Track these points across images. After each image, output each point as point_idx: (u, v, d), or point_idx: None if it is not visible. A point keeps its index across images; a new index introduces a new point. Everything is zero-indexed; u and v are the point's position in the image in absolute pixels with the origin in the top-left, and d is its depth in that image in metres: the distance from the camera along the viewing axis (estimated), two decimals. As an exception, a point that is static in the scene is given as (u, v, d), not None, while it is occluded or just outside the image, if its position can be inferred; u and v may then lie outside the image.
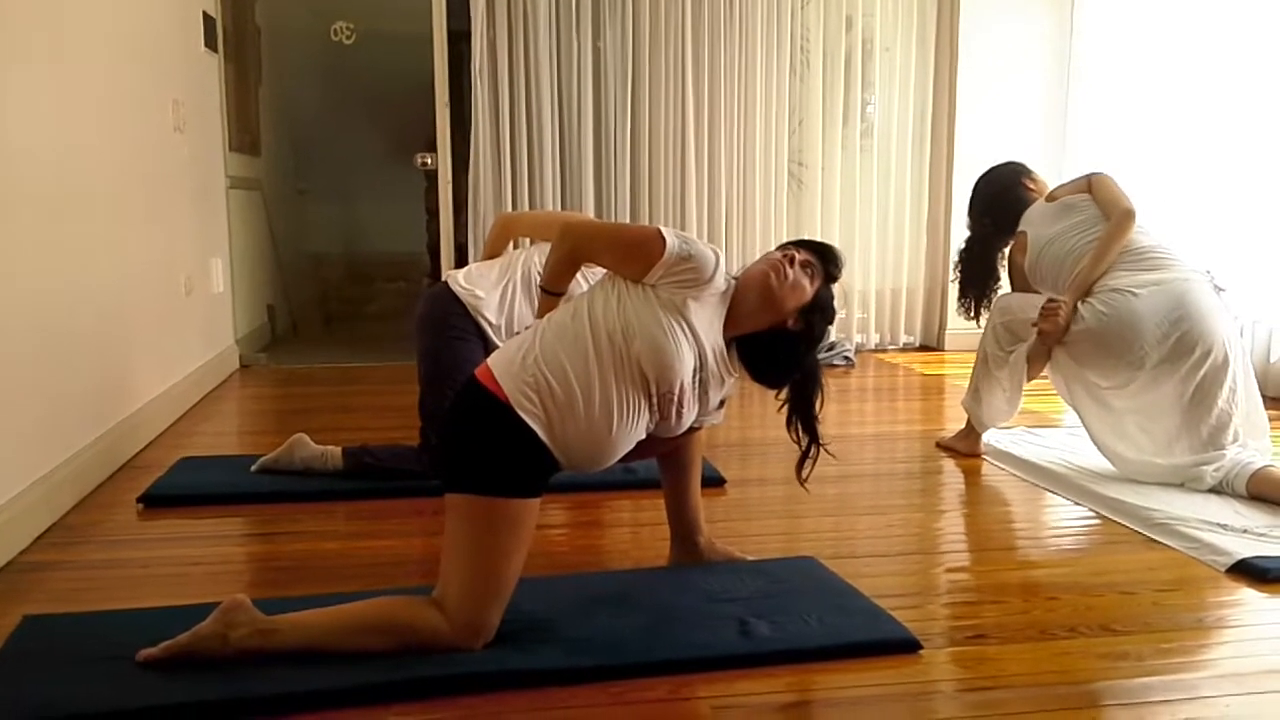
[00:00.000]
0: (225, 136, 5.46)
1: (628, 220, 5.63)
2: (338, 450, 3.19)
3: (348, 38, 5.96)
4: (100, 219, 3.40)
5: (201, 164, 4.93)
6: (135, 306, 3.75)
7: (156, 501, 3.03)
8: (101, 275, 3.39)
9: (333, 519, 2.93)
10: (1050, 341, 3.25)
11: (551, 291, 2.25)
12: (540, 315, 2.19)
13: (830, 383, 2.27)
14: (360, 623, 1.92)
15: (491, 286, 3.11)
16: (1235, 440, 3.07)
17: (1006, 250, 3.67)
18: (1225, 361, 3.06)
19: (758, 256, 2.27)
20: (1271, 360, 4.59)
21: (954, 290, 3.82)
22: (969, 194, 3.82)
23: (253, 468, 3.23)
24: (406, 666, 1.87)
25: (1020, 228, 3.54)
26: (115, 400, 3.48)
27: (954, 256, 3.89)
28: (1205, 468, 3.05)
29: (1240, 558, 2.51)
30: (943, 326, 6.15)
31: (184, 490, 3.12)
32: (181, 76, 4.59)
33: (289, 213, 7.45)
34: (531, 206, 5.55)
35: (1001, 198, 3.65)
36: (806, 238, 2.42)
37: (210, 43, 5.15)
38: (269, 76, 6.78)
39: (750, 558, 2.51)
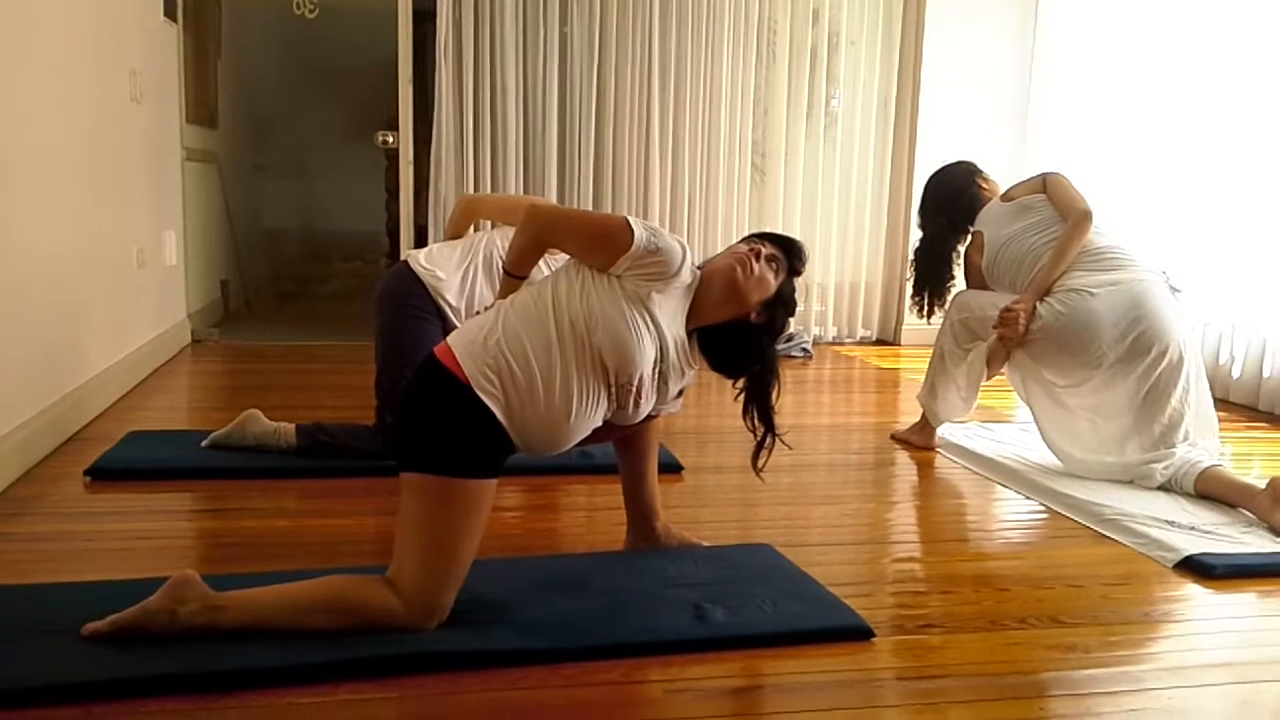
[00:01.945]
0: (182, 108, 5.36)
1: (590, 207, 5.61)
2: (291, 427, 3.15)
3: (310, 11, 5.87)
4: (53, 188, 3.33)
5: (158, 135, 4.84)
6: (86, 277, 3.68)
7: (104, 475, 2.98)
8: (52, 244, 3.32)
9: (285, 496, 2.90)
10: (1011, 345, 3.28)
11: (514, 275, 2.23)
12: (502, 297, 2.18)
13: (788, 374, 2.29)
14: (312, 601, 1.90)
15: (453, 268, 3.08)
16: (1186, 439, 3.12)
17: (961, 249, 3.70)
18: (1180, 361, 3.10)
19: (719, 245, 2.28)
20: (1221, 362, 4.67)
21: (910, 286, 3.84)
22: (921, 193, 3.85)
23: (204, 443, 3.19)
24: (358, 645, 1.85)
25: (976, 227, 3.57)
26: (63, 371, 3.41)
27: (909, 254, 3.92)
28: (1155, 465, 3.09)
29: (1187, 554, 2.55)
30: (899, 321, 6.19)
31: (132, 464, 3.06)
32: (139, 46, 4.51)
33: (245, 188, 7.35)
34: (494, 190, 5.51)
35: (956, 198, 3.68)
36: (771, 231, 2.42)
37: (170, 12, 5.06)
38: (229, 49, 6.68)
39: (706, 544, 2.52)
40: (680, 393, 2.27)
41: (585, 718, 1.76)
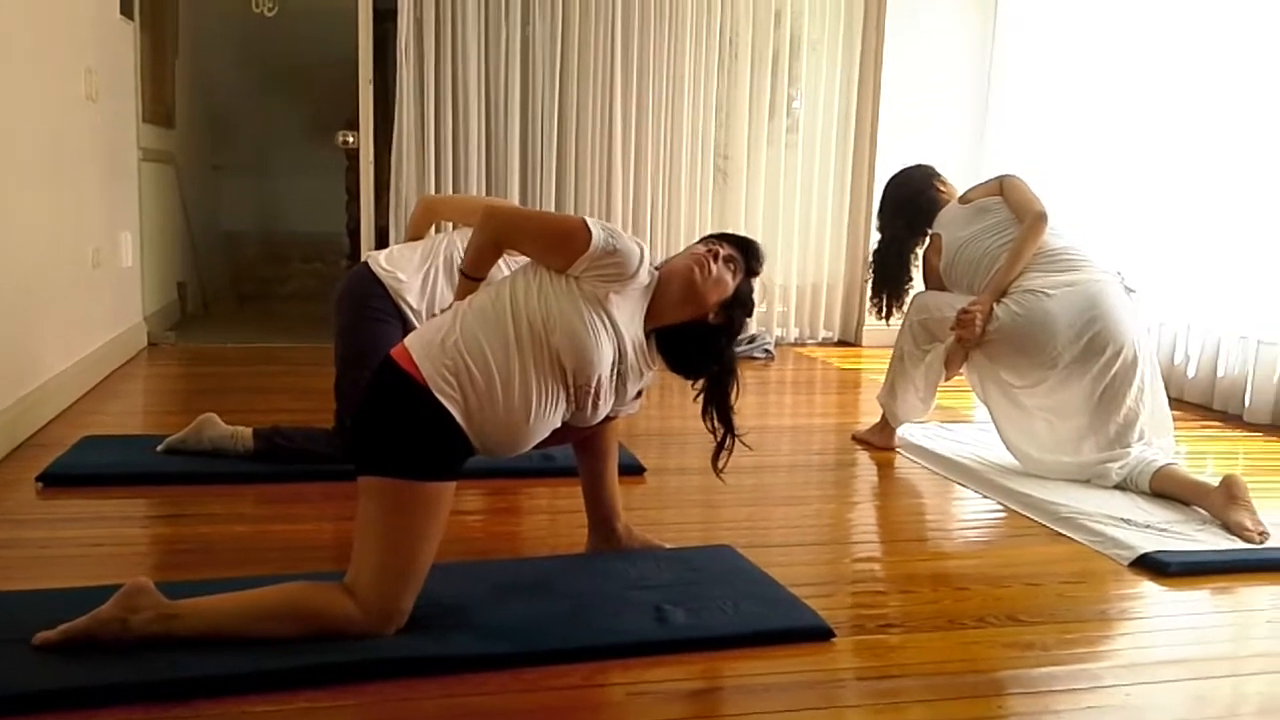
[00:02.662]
0: (139, 107, 5.29)
1: (553, 209, 5.60)
2: (248, 431, 3.11)
3: (269, 10, 5.82)
4: (4, 187, 3.27)
5: (113, 134, 4.77)
6: (39, 278, 3.62)
7: (57, 480, 2.93)
8: (4, 244, 3.26)
9: (242, 501, 2.87)
10: (968, 346, 3.31)
11: (472, 276, 2.22)
12: (459, 298, 2.16)
13: (750, 375, 2.30)
14: (268, 609, 1.88)
15: (414, 270, 3.05)
16: (1141, 438, 3.16)
17: (919, 250, 3.72)
18: (1135, 361, 3.14)
19: (682, 246, 2.28)
20: (1175, 361, 4.73)
21: (870, 288, 3.85)
22: (880, 196, 3.87)
23: (159, 448, 3.14)
24: (315, 652, 1.83)
25: (934, 229, 3.60)
26: (16, 375, 3.35)
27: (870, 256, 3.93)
28: (1111, 465, 3.13)
29: (1142, 552, 2.58)
30: (860, 322, 6.22)
31: (86, 469, 3.01)
32: (95, 44, 4.44)
33: (203, 188, 7.26)
34: (455, 191, 5.47)
35: (914, 200, 3.70)
36: (730, 232, 2.43)
37: (126, 10, 4.99)
38: (186, 47, 6.60)
39: (668, 546, 2.52)
40: (639, 394, 2.26)
41: (545, 722, 1.75)
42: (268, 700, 1.74)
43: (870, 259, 3.87)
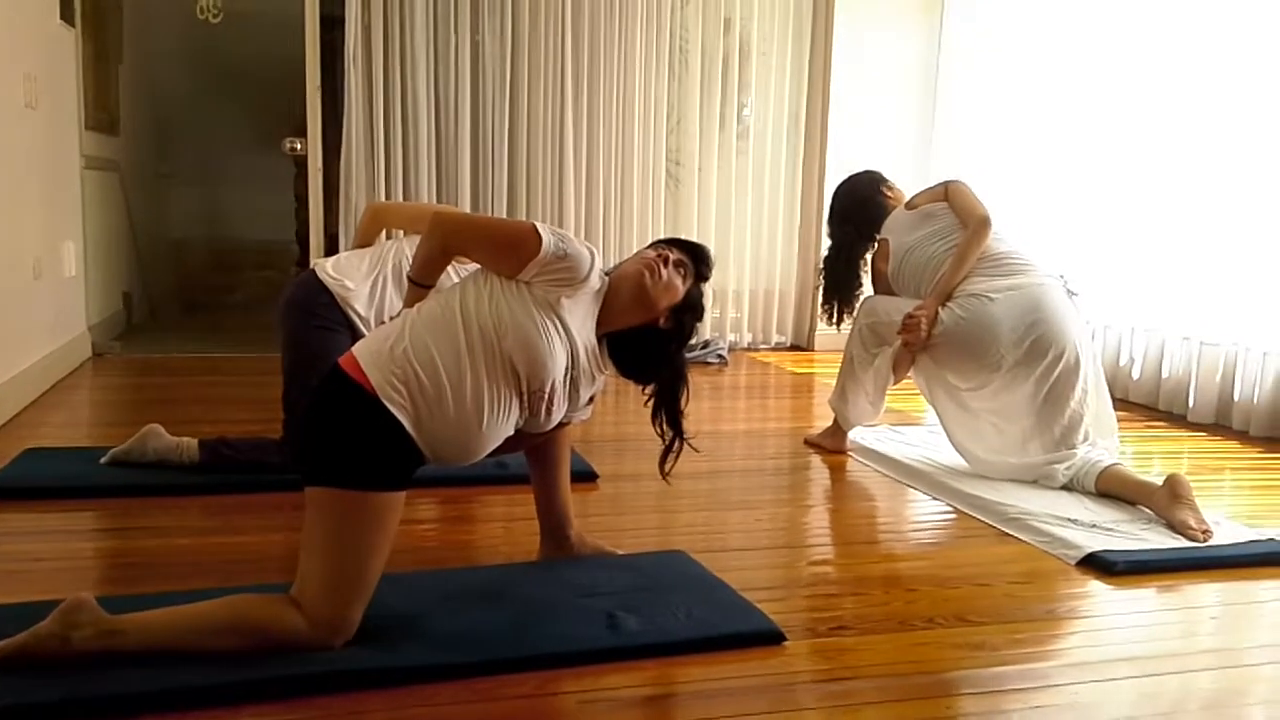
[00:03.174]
0: (81, 115, 5.20)
1: (505, 215, 5.58)
2: (194, 442, 3.07)
3: (214, 16, 5.75)
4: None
5: (55, 142, 4.69)
6: (-23, 289, 3.55)
7: (-2, 494, 2.87)
8: (-61, 255, 3.20)
9: (187, 514, 2.82)
10: (914, 350, 3.34)
11: (421, 283, 2.20)
12: (408, 306, 2.14)
13: (704, 380, 2.31)
14: (212, 623, 1.84)
15: (362, 278, 3.03)
16: (1086, 439, 3.20)
17: (868, 256, 3.75)
18: (1077, 364, 3.18)
19: (634, 253, 2.28)
20: (1121, 363, 4.80)
21: (820, 294, 3.87)
22: (829, 202, 3.90)
23: (103, 460, 3.09)
24: (261, 665, 1.81)
25: (882, 235, 3.62)
26: (-47, 388, 3.28)
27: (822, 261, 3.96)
28: (1057, 466, 3.17)
29: (1089, 551, 2.62)
30: (813, 327, 6.26)
31: (28, 482, 2.96)
32: (34, 50, 4.36)
33: (149, 196, 7.16)
34: (406, 198, 5.44)
35: (862, 206, 3.73)
36: (680, 237, 2.43)
37: (67, 16, 4.90)
38: (131, 54, 6.50)
39: (620, 552, 2.51)
40: (591, 399, 2.26)
41: (497, 732, 1.74)
42: (214, 716, 1.71)
43: (820, 266, 3.89)
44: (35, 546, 2.56)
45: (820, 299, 3.86)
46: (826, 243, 3.92)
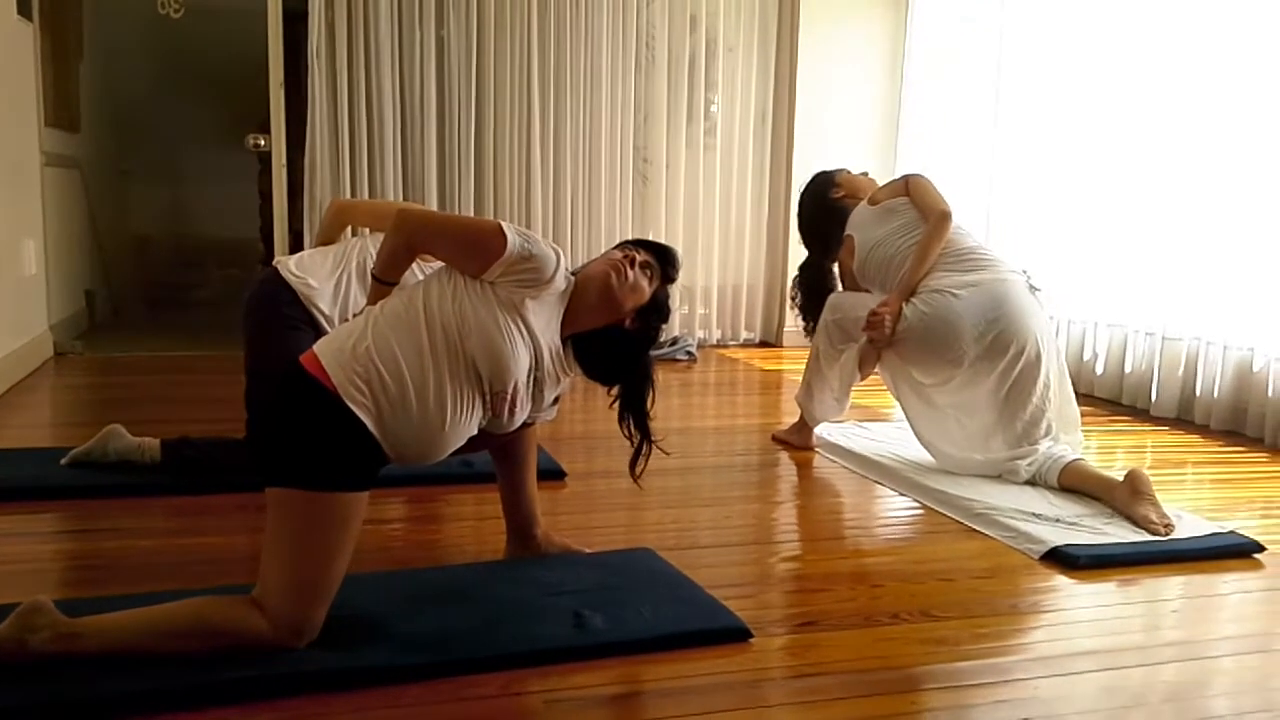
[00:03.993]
0: (41, 111, 5.13)
1: (472, 212, 5.55)
2: (155, 442, 3.03)
3: (175, 11, 5.66)
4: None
5: (13, 139, 4.62)
6: (-67, 289, 3.49)
7: (-46, 497, 2.82)
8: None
9: (149, 515, 2.79)
10: (880, 347, 3.35)
11: (384, 280, 2.18)
12: (371, 303, 2.12)
13: (673, 377, 2.30)
14: (172, 625, 1.82)
15: (326, 276, 2.99)
16: (1048, 434, 3.23)
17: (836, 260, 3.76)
18: (1039, 359, 3.20)
19: (603, 250, 2.27)
20: (1085, 358, 4.85)
21: (797, 309, 3.86)
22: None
23: (63, 460, 3.04)
24: (223, 667, 1.79)
25: (847, 231, 3.62)
26: (-92, 389, 3.23)
27: (793, 264, 3.94)
28: (1020, 462, 3.19)
29: (1052, 545, 2.64)
30: (781, 324, 6.28)
31: (-14, 485, 2.91)
32: (-10, 44, 4.30)
33: (111, 194, 7.07)
34: (372, 194, 5.41)
35: (819, 221, 3.74)
36: (647, 238, 2.43)
37: (24, 10, 4.82)
38: (91, 50, 6.41)
39: (588, 550, 2.51)
40: (556, 400, 2.25)
41: (462, 732, 1.73)
42: (174, 718, 1.69)
43: (792, 285, 3.88)
44: (-7, 549, 2.52)
45: (799, 315, 3.85)
46: (796, 237, 3.93)
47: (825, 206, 3.72)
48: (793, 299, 3.88)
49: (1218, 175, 4.21)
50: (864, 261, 3.51)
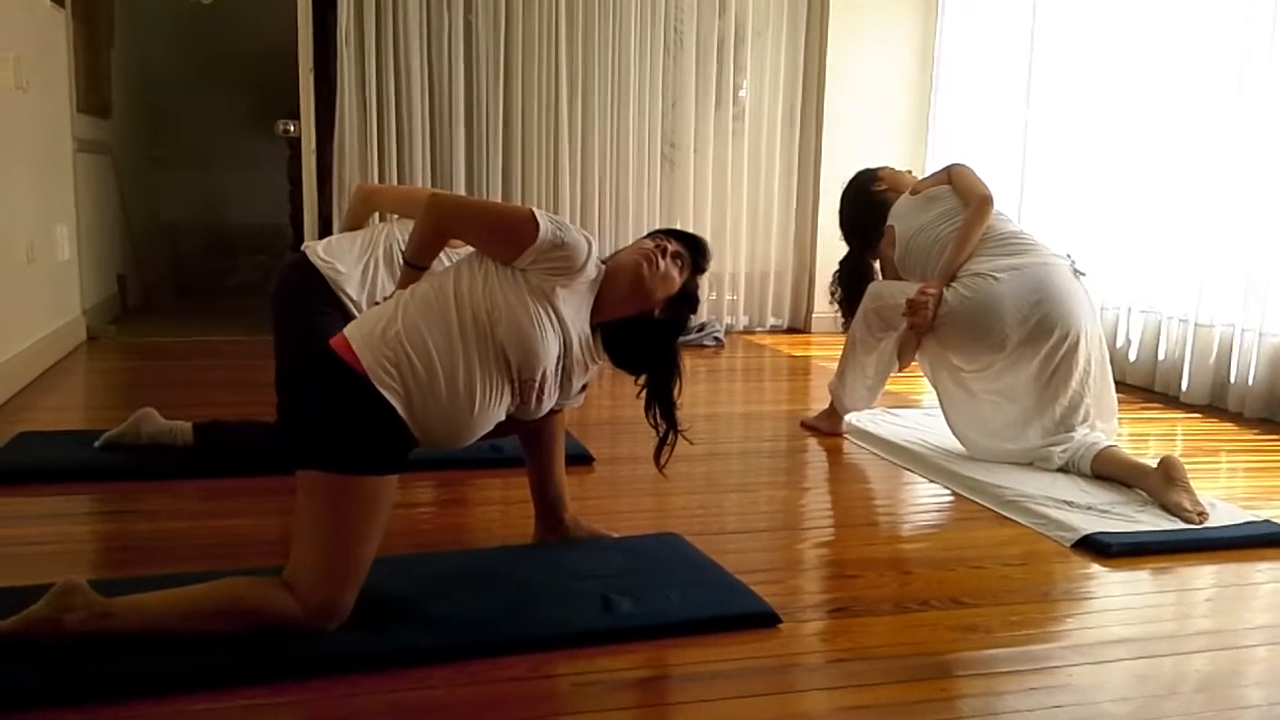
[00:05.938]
0: (73, 97, 5.17)
1: (499, 199, 5.55)
2: (188, 426, 3.05)
3: (206, -2, 5.72)
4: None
5: (46, 125, 4.66)
6: (-31, 273, 3.52)
7: (-9, 478, 2.85)
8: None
9: (182, 497, 2.81)
10: (921, 333, 3.32)
11: (415, 265, 2.18)
12: (401, 288, 2.12)
13: (700, 363, 2.30)
14: (205, 605, 1.83)
15: (354, 262, 3.00)
16: (1085, 421, 3.18)
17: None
18: (1080, 344, 3.17)
19: (630, 236, 2.27)
20: (1118, 345, 4.79)
21: (820, 276, 3.85)
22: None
23: (97, 443, 3.07)
24: (253, 648, 1.80)
25: (889, 222, 3.60)
26: (-55, 372, 3.26)
27: (821, 250, 3.92)
28: (1054, 448, 3.16)
29: (1085, 533, 2.61)
30: (810, 310, 6.25)
31: (22, 466, 2.94)
32: (24, 32, 4.33)
33: (143, 180, 7.12)
34: (400, 180, 5.42)
35: (862, 216, 3.71)
36: (678, 227, 2.42)
37: (57, -2, 4.87)
38: (122, 37, 6.45)
39: (615, 534, 2.50)
40: (583, 387, 2.25)
41: (492, 715, 1.73)
42: (207, 699, 1.70)
43: (833, 279, 3.85)
44: (29, 530, 2.56)
45: (839, 312, 3.82)
46: (824, 223, 3.90)
47: (867, 200, 3.70)
48: (832, 293, 3.85)
49: (1252, 161, 4.14)
50: (905, 250, 3.48)
